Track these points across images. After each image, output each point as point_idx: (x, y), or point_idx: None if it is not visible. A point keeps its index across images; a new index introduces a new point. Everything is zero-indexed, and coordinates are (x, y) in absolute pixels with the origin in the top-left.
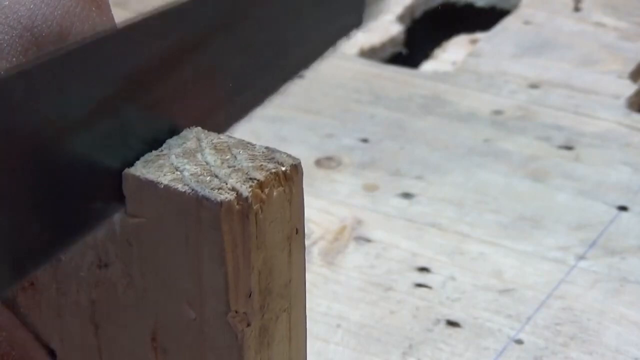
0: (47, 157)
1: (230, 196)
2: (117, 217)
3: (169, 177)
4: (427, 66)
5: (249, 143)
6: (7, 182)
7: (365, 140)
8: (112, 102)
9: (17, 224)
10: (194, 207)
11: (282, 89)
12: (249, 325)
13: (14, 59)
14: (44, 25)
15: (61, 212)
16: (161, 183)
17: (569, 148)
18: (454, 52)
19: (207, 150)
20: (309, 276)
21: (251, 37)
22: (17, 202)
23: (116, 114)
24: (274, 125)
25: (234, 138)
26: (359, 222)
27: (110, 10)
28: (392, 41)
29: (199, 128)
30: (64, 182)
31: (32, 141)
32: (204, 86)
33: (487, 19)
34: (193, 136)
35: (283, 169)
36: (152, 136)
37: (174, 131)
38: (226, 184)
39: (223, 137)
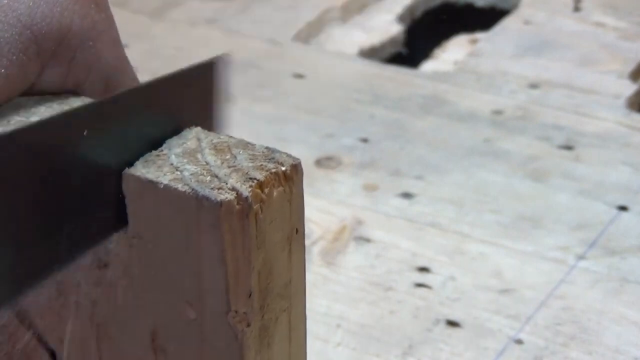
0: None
1: (230, 196)
2: None
3: (169, 177)
4: (427, 66)
5: (249, 143)
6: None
7: (365, 140)
8: None
9: (20, 242)
10: (194, 207)
11: None
12: (249, 325)
13: (14, 57)
14: (43, 23)
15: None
16: (161, 183)
17: (569, 148)
18: (454, 52)
19: (207, 150)
20: (309, 276)
21: None
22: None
23: None
24: (274, 125)
25: (234, 138)
26: (359, 222)
27: (108, 7)
28: (392, 41)
29: (199, 128)
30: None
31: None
32: None
33: (487, 19)
34: (193, 136)
35: (283, 168)
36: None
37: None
38: (226, 184)
39: (223, 137)
